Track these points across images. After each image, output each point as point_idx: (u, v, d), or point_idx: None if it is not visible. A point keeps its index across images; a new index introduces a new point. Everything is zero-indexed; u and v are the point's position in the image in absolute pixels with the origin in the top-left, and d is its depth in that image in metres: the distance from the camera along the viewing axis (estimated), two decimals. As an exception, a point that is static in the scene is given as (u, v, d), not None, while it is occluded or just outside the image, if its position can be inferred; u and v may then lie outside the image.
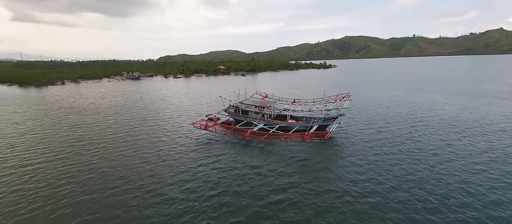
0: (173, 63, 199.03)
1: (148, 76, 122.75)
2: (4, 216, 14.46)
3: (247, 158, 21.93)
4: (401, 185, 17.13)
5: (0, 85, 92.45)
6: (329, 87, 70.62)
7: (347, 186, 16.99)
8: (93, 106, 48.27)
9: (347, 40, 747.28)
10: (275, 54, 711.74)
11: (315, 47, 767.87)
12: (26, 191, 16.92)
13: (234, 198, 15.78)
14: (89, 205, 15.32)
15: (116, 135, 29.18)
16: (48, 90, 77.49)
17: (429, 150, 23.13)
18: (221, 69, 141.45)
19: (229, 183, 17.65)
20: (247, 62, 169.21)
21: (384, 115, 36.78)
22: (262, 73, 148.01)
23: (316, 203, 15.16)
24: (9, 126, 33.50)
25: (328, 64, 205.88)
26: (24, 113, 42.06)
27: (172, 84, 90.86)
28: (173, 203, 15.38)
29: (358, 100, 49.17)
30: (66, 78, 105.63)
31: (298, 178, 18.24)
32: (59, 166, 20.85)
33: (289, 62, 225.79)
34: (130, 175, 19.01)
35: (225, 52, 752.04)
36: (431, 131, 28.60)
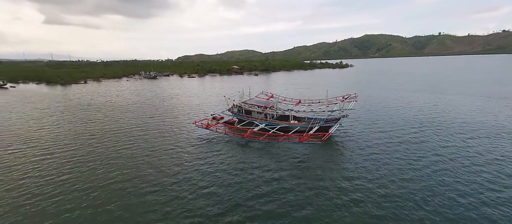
0: (189, 63, 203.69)
1: (164, 75, 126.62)
2: (17, 197, 15.67)
3: (243, 157, 22.05)
4: (394, 191, 16.42)
5: (31, 83, 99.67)
6: (340, 88, 68.95)
7: (336, 188, 16.57)
8: (108, 103, 50.73)
9: (366, 39, 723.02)
10: (292, 54, 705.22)
11: (333, 46, 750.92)
12: (38, 178, 18.22)
13: (217, 194, 15.96)
14: (85, 190, 16.20)
15: (124, 131, 30.47)
16: (72, 88, 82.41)
17: (431, 155, 21.93)
18: (234, 69, 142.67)
19: (216, 180, 17.85)
20: (260, 61, 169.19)
21: (391, 116, 35.34)
22: (276, 73, 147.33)
23: (300, 202, 14.95)
24: (29, 121, 36.09)
25: (345, 64, 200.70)
26: (44, 109, 45.13)
27: (186, 83, 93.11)
28: (164, 193, 15.86)
29: (368, 101, 47.67)
30: (88, 77, 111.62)
31: (288, 177, 18.08)
32: (67, 157, 22.19)
33: (304, 62, 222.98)
34: (128, 166, 19.83)
35: (241, 51, 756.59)
36: (437, 135, 27.10)
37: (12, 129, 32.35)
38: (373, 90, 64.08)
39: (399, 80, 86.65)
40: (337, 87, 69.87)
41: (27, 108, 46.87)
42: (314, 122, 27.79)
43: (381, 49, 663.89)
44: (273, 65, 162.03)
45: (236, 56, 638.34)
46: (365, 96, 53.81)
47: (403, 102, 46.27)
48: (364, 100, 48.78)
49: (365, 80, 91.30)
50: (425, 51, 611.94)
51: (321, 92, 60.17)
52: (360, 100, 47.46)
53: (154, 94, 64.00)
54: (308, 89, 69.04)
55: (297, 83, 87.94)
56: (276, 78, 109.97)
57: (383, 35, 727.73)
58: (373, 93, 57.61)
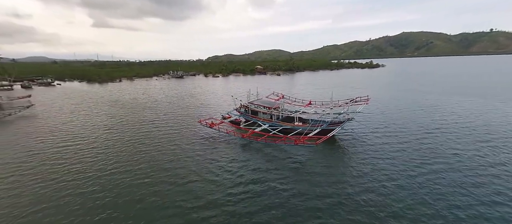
0: (215, 63, 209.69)
1: (190, 75, 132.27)
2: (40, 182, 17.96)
3: (237, 156, 22.29)
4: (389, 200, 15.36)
5: (75, 81, 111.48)
6: (360, 89, 65.48)
7: (328, 191, 16.01)
8: (133, 100, 54.72)
9: (404, 37, 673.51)
10: (321, 53, 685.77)
11: (366, 45, 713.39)
12: (48, 164, 20.62)
13: (196, 190, 16.44)
14: (88, 178, 17.88)
15: (137, 126, 32.63)
16: (107, 86, 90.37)
17: (436, 161, 19.94)
18: (258, 69, 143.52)
19: (199, 176, 18.37)
20: (285, 61, 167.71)
21: (408, 122, 32.79)
22: (300, 73, 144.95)
23: (287, 205, 14.76)
24: (61, 114, 40.52)
25: (375, 64, 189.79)
26: (78, 104, 50.25)
27: (208, 83, 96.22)
28: (150, 183, 16.84)
29: (388, 103, 44.83)
30: (123, 76, 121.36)
31: (273, 177, 17.90)
32: (81, 147, 24.60)
33: (331, 62, 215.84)
34: (129, 157, 21.34)
35: (269, 51, 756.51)
36: (447, 141, 24.47)
37: (47, 120, 36.71)
38: (398, 92, 59.78)
39: (434, 81, 79.51)
40: (358, 89, 66.52)
41: (63, 102, 52.74)
42: (317, 124, 27.04)
43: (420, 47, 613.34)
44: (297, 65, 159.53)
45: (264, 56, 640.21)
46: (386, 98, 50.65)
47: (430, 106, 42.53)
48: (384, 102, 46.00)
49: (393, 81, 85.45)
50: (473, 49, 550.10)
51: (339, 93, 57.95)
52: (380, 103, 45.08)
53: (176, 92, 67.38)
54: (326, 90, 66.67)
55: (319, 83, 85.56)
56: (299, 79, 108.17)
57: (423, 32, 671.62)
58: (395, 95, 53.81)
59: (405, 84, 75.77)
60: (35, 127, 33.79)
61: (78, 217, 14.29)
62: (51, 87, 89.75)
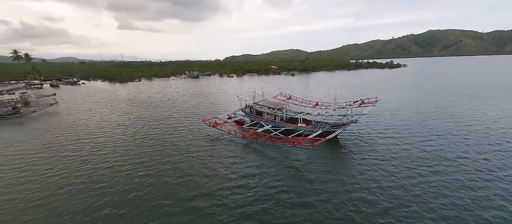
0: (231, 63, 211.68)
1: (206, 75, 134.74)
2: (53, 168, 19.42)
3: (237, 156, 22.51)
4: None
5: (98, 80, 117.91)
6: (372, 90, 63.01)
7: (318, 193, 15.73)
8: (147, 99, 56.90)
9: (430, 35, 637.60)
10: (339, 53, 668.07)
11: (388, 44, 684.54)
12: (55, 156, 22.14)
13: (189, 183, 16.81)
14: (88, 171, 18.99)
15: (147, 123, 33.93)
16: (127, 85, 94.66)
17: (439, 167, 18.76)
18: (272, 69, 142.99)
19: (197, 172, 18.75)
20: (300, 61, 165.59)
21: (419, 123, 31.19)
22: (316, 73, 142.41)
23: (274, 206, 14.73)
24: (80, 111, 43.13)
25: (396, 64, 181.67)
26: (96, 101, 53.16)
27: (222, 83, 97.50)
28: (146, 175, 17.54)
29: (398, 105, 42.93)
30: (143, 76, 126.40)
31: (270, 176, 17.88)
32: (91, 142, 26.12)
33: (349, 62, 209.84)
34: (137, 152, 22.33)
35: (286, 51, 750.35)
36: (457, 146, 22.87)
37: (66, 116, 39.28)
38: (414, 93, 56.86)
39: (458, 82, 74.67)
40: (371, 90, 64.09)
41: (84, 100, 56.07)
42: (319, 126, 26.55)
43: (448, 46, 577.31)
44: (313, 65, 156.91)
45: (281, 56, 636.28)
46: (399, 100, 48.48)
47: (447, 108, 40.16)
48: (396, 104, 44.12)
49: (412, 82, 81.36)
50: (508, 48, 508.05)
51: (350, 94, 56.33)
52: (392, 105, 43.36)
53: (189, 92, 69.07)
54: (338, 90, 65.00)
55: (333, 84, 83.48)
56: (313, 79, 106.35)
57: (452, 30, 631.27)
58: (411, 97, 51.24)
59: (425, 85, 71.89)
60: (55, 123, 36.29)
61: (84, 203, 15.26)
62: (76, 86, 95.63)
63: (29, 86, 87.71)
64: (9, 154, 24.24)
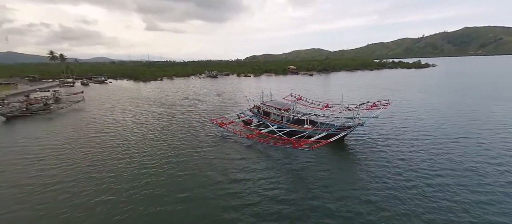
0: (250, 63, 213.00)
1: (224, 74, 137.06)
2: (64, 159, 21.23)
3: (238, 155, 22.74)
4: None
5: (124, 79, 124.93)
6: (392, 91, 59.79)
7: (315, 196, 15.47)
8: (164, 98, 59.32)
9: (465, 33, 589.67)
10: (364, 52, 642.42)
11: (418, 42, 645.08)
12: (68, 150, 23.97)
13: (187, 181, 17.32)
14: (100, 170, 20.36)
15: (162, 120, 35.50)
16: (149, 84, 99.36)
17: (450, 174, 17.39)
18: (290, 69, 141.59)
19: (194, 169, 19.26)
20: (319, 61, 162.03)
21: (434, 127, 29.19)
22: (336, 73, 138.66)
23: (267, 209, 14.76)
24: (101, 108, 46.13)
25: (424, 63, 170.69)
26: (118, 99, 56.50)
27: (238, 82, 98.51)
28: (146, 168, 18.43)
29: (416, 107, 40.53)
30: (165, 75, 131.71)
31: (264, 176, 17.87)
32: (108, 139, 27.90)
33: (373, 61, 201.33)
34: (147, 148, 23.53)
35: (307, 50, 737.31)
36: (471, 152, 20.95)
37: (89, 113, 42.29)
38: (437, 95, 53.09)
39: (491, 83, 68.43)
40: (391, 91, 60.91)
41: (108, 98, 59.90)
42: (323, 128, 25.97)
43: (486, 44, 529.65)
44: (333, 65, 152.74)
45: (302, 55, 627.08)
46: (419, 102, 45.66)
47: (470, 112, 37.11)
48: (414, 106, 41.69)
49: (438, 83, 76.03)
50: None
51: (366, 95, 54.10)
52: (409, 107, 41.17)
53: (205, 91, 70.79)
54: (355, 91, 62.62)
55: (352, 85, 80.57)
56: (332, 79, 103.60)
57: (491, 27, 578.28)
58: (432, 99, 47.93)
59: (452, 86, 66.88)
60: (78, 119, 39.22)
61: (89, 190, 16.48)
62: (104, 84, 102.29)
63: (63, 84, 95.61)
64: (33, 146, 26.72)
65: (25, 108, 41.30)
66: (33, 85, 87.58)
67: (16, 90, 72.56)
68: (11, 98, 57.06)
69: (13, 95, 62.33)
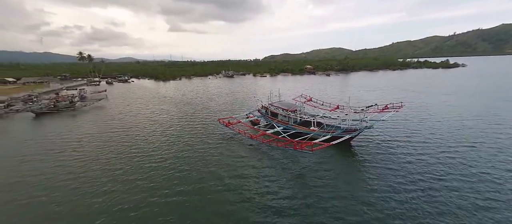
0: (268, 63, 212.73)
1: (240, 74, 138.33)
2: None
3: (241, 155, 23.03)
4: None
5: (146, 79, 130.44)
6: (411, 92, 56.65)
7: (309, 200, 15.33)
8: (181, 96, 61.24)
9: (503, 30, 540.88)
10: (388, 51, 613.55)
11: (448, 41, 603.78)
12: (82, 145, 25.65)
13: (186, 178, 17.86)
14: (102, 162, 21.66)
15: (174, 118, 36.82)
16: (168, 83, 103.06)
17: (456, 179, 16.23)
18: (307, 69, 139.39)
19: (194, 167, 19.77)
20: (338, 60, 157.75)
21: (449, 131, 27.33)
22: (356, 73, 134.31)
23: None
24: (119, 106, 48.69)
25: (453, 63, 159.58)
26: (136, 98, 59.29)
27: (253, 82, 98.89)
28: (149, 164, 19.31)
29: (434, 110, 38.15)
30: (183, 75, 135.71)
31: (252, 180, 17.95)
32: (123, 134, 29.52)
33: (397, 60, 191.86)
34: (157, 144, 24.66)
35: (327, 50, 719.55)
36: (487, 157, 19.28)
37: (109, 110, 44.90)
38: (460, 98, 49.50)
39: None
40: (410, 92, 57.79)
41: (127, 96, 63.11)
42: (330, 130, 25.46)
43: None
44: (352, 64, 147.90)
45: (322, 55, 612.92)
46: (439, 104, 43.01)
47: (492, 116, 34.30)
48: (432, 109, 39.40)
49: (464, 85, 70.76)
50: None
51: (380, 97, 51.87)
52: (426, 110, 39.07)
53: (218, 91, 72.04)
54: (371, 92, 60.19)
55: (370, 85, 77.51)
56: (350, 80, 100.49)
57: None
58: (454, 102, 44.80)
59: (479, 88, 61.89)
60: (98, 116, 41.85)
61: (96, 181, 17.71)
62: (127, 83, 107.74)
63: (90, 82, 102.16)
64: (56, 139, 29.00)
65: (53, 105, 44.80)
66: (63, 84, 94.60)
67: (48, 88, 78.87)
68: (43, 95, 62.18)
69: (45, 93, 67.85)
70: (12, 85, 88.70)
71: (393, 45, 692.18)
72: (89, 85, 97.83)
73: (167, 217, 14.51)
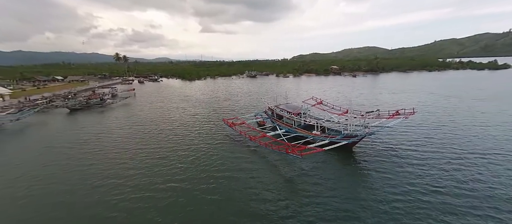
0: (292, 63, 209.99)
1: (264, 74, 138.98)
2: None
3: (235, 156, 23.58)
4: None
5: (174, 78, 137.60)
6: (436, 96, 51.62)
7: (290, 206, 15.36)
8: (201, 95, 63.87)
9: None
10: (430, 49, 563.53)
11: (501, 38, 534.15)
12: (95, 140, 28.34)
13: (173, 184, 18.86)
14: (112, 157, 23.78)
15: (188, 117, 38.73)
16: (194, 83, 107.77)
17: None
18: (332, 69, 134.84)
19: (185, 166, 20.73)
20: (367, 61, 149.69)
21: (470, 139, 24.57)
22: (386, 74, 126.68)
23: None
24: (143, 104, 52.39)
25: (503, 64, 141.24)
26: (159, 96, 63.24)
27: (274, 82, 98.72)
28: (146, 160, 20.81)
29: (462, 116, 34.41)
30: (208, 75, 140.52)
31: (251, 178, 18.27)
32: (139, 130, 32.03)
33: (437, 60, 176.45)
34: (169, 141, 26.47)
35: (360, 49, 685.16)
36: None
37: (133, 107, 48.73)
38: (497, 105, 43.89)
39: None
40: (437, 95, 52.78)
41: (152, 95, 67.62)
42: (330, 135, 24.81)
43: None
44: (382, 65, 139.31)
45: (354, 54, 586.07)
46: (466, 111, 38.82)
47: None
48: (458, 116, 35.79)
49: (507, 90, 62.49)
50: None
51: (403, 99, 48.36)
52: (449, 116, 35.73)
53: (238, 91, 73.45)
54: (392, 95, 56.17)
55: (396, 88, 72.42)
56: (377, 81, 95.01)
57: None
58: (487, 109, 39.91)
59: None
60: (122, 113, 45.69)
61: (114, 171, 19.73)
62: (156, 82, 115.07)
63: (124, 81, 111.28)
64: (83, 133, 32.50)
65: (85, 102, 50.01)
66: (101, 82, 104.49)
67: (87, 86, 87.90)
68: (81, 92, 69.56)
69: (84, 90, 75.77)
70: (59, 83, 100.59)
71: (435, 43, 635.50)
72: (123, 83, 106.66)
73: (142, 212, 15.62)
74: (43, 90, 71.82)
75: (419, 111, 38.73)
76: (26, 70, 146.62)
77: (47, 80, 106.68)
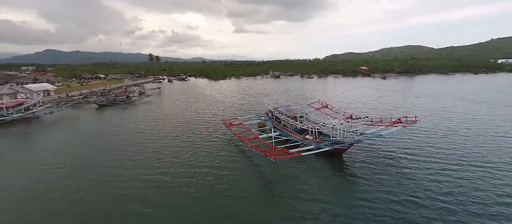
0: (323, 62, 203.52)
1: (288, 75, 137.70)
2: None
3: (226, 155, 24.52)
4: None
5: (201, 77, 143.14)
6: (468, 102, 45.81)
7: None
8: (218, 95, 66.08)
9: None
10: (484, 48, 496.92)
11: None
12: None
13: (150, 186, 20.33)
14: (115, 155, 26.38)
15: (199, 116, 40.77)
16: (218, 83, 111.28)
17: None
18: (362, 70, 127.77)
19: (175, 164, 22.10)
20: (401, 61, 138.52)
21: (477, 148, 21.78)
22: (424, 76, 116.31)
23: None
24: (163, 101, 56.18)
25: None
26: (181, 95, 66.98)
27: (298, 83, 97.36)
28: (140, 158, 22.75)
29: (477, 125, 30.43)
30: (233, 75, 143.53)
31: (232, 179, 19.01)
32: (153, 126, 34.90)
33: (488, 61, 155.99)
34: (176, 138, 28.67)
35: (401, 48, 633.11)
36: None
37: (154, 104, 52.69)
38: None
39: None
40: (466, 101, 46.96)
41: (175, 93, 72.02)
42: (319, 140, 24.31)
43: None
44: (419, 66, 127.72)
45: (394, 53, 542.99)
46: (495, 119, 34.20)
47: None
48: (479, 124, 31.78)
49: None
50: None
51: (424, 103, 44.27)
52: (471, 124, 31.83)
53: (256, 91, 74.23)
54: (418, 99, 51.29)
55: (425, 92, 65.92)
56: (409, 83, 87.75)
57: None
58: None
59: None
60: (142, 109, 49.86)
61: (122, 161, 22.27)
62: (184, 81, 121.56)
63: (156, 80, 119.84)
64: (104, 127, 36.48)
65: (113, 99, 55.53)
66: (134, 80, 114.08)
67: (122, 83, 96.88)
68: (115, 90, 77.04)
69: (118, 88, 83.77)
70: (100, 80, 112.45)
71: (492, 41, 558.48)
72: (155, 81, 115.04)
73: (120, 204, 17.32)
74: (85, 87, 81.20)
75: (434, 118, 35.61)
76: (77, 68, 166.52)
77: (91, 77, 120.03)
